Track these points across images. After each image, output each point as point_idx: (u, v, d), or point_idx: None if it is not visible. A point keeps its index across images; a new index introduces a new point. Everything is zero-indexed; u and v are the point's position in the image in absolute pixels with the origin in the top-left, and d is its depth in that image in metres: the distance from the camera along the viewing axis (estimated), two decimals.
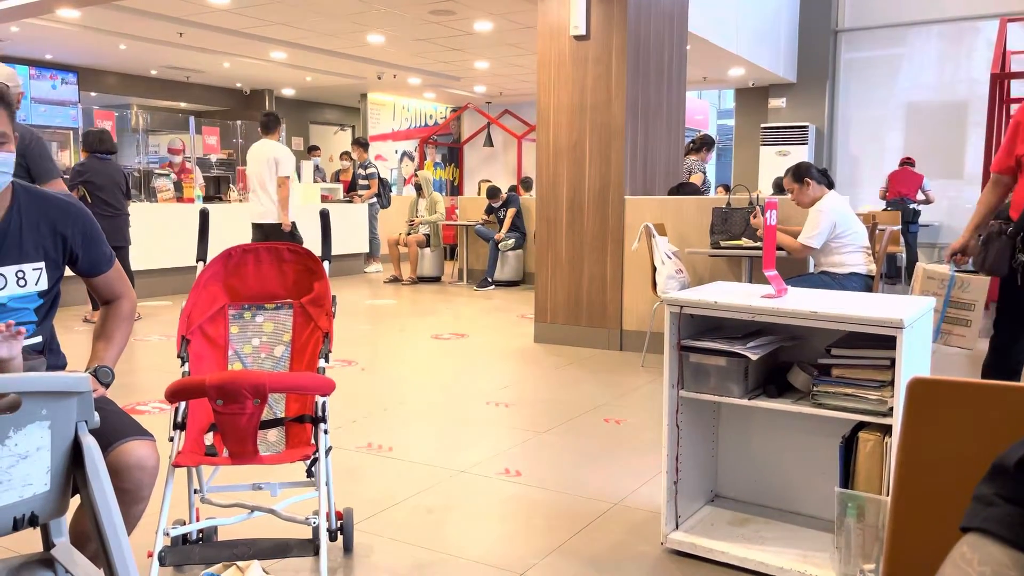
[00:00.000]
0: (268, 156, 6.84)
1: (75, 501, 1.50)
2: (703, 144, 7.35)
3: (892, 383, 2.16)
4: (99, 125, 10.37)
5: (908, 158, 10.00)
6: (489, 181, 11.98)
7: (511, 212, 9.46)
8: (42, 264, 1.83)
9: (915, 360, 2.23)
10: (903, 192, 9.58)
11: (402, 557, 2.44)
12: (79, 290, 6.43)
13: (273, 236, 6.73)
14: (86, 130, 7.22)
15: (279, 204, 6.77)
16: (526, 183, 10.97)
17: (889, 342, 2.13)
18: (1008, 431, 0.91)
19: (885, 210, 9.43)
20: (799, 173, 4.65)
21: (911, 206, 9.51)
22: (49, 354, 1.90)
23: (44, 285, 1.85)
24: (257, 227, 6.91)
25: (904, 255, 9.62)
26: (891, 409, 2.16)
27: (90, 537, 1.65)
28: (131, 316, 2.02)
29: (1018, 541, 0.70)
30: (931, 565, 0.74)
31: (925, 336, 2.37)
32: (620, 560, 2.44)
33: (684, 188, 6.18)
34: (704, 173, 7.12)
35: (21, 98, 4.35)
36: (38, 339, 1.86)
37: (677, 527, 2.54)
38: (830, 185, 4.69)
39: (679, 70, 6.27)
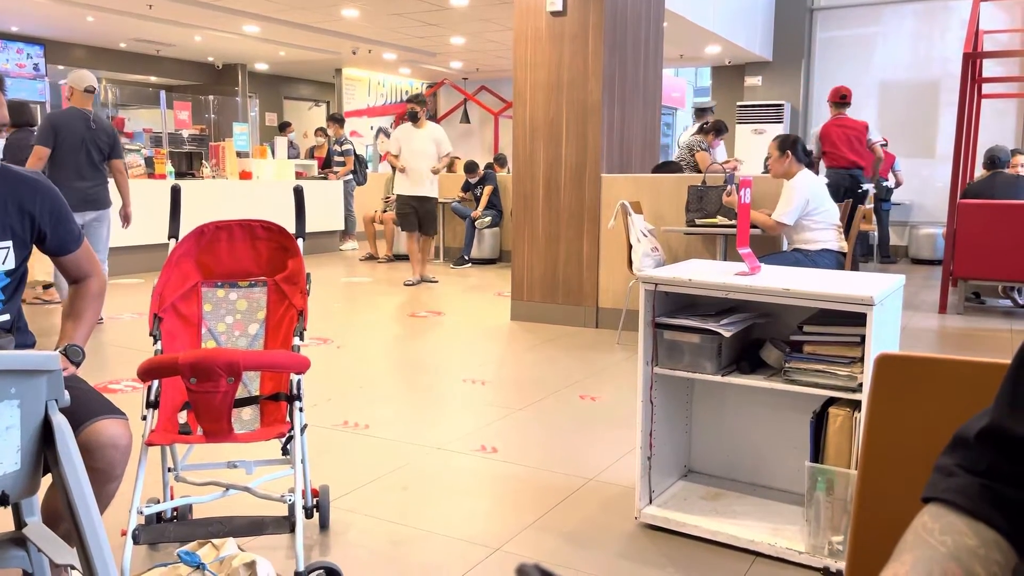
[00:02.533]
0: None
1: (47, 480, 1.48)
2: (713, 128, 7.23)
3: (862, 359, 2.20)
4: None
5: (883, 139, 10.07)
6: (459, 158, 11.88)
7: (488, 189, 9.42)
8: (9, 243, 1.80)
9: (884, 337, 2.27)
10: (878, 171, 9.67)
11: (378, 534, 2.46)
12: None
13: (420, 207, 7.74)
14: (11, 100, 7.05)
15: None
16: (500, 160, 10.91)
17: (860, 319, 2.16)
18: (972, 405, 0.93)
19: None
20: (785, 144, 4.70)
21: (884, 184, 9.61)
22: (17, 333, 1.87)
23: (11, 264, 1.82)
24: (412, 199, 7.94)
25: (876, 233, 9.73)
26: (860, 385, 2.20)
27: (63, 516, 1.64)
28: (100, 295, 2.00)
29: (978, 511, 0.71)
30: (896, 536, 0.76)
31: (895, 313, 2.40)
32: (594, 534, 2.47)
33: (669, 166, 6.18)
34: (709, 153, 7.01)
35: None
36: (6, 317, 1.84)
37: (651, 502, 2.57)
38: (809, 167, 4.75)
39: (656, 47, 6.26)
